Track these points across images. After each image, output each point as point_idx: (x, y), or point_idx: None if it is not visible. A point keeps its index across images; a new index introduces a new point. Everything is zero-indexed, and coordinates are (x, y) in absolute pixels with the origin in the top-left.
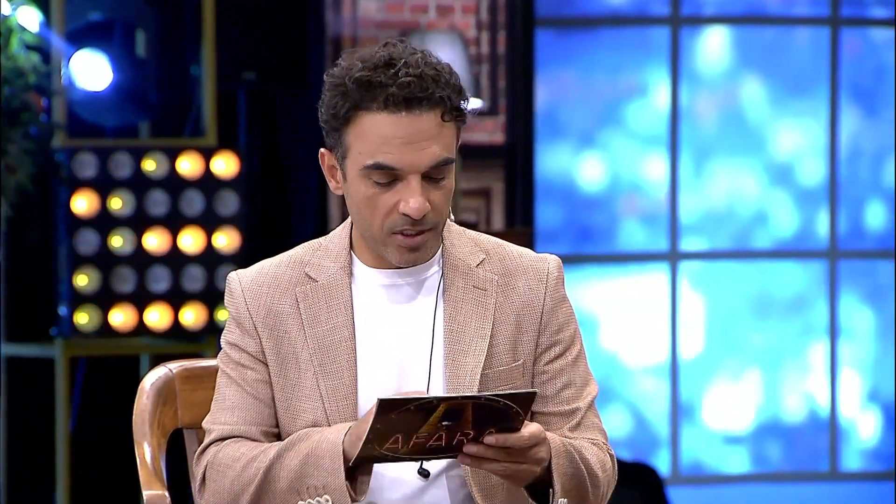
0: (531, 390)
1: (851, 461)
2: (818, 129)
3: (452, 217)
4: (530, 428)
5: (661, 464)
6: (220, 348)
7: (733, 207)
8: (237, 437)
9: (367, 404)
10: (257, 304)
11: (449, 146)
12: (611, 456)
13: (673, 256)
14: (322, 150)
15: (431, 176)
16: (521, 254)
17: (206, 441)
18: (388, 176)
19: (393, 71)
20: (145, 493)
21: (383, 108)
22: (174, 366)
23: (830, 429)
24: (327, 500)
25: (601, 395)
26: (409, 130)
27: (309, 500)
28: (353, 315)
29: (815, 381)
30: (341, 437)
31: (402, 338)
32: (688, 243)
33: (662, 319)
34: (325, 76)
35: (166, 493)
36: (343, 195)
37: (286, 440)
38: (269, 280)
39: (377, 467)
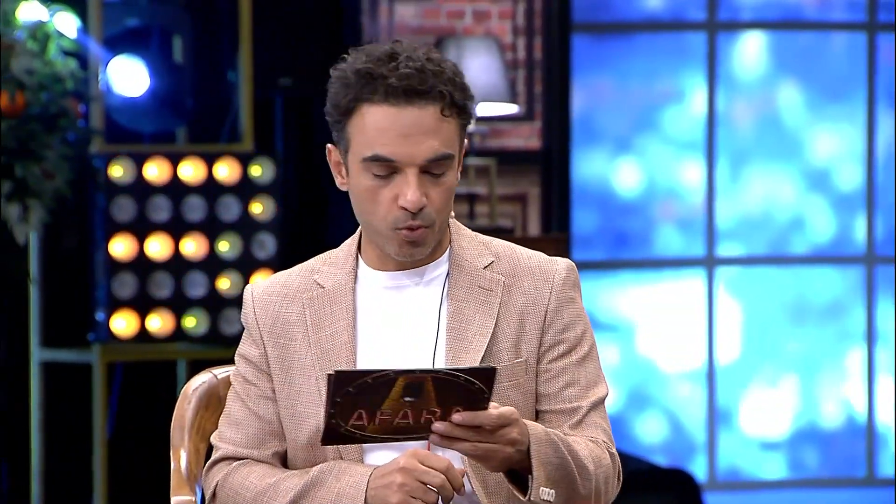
0: (491, 366)
1: (889, 467)
2: (855, 134)
3: (453, 214)
4: (501, 409)
5: (698, 470)
6: None
7: (770, 213)
8: (244, 458)
9: None
10: (265, 313)
11: (449, 142)
12: (612, 455)
13: (709, 262)
14: (328, 145)
15: (431, 171)
16: (530, 256)
17: (213, 457)
18: (386, 169)
19: (394, 63)
20: (174, 499)
21: (383, 99)
22: (219, 371)
23: (867, 435)
24: None
25: (638, 400)
26: (406, 123)
27: None
28: (355, 318)
29: (852, 388)
30: (361, 494)
31: (406, 338)
32: (724, 249)
33: (699, 325)
34: (331, 70)
35: (195, 499)
36: (348, 191)
37: (301, 482)
38: (280, 289)
39: None
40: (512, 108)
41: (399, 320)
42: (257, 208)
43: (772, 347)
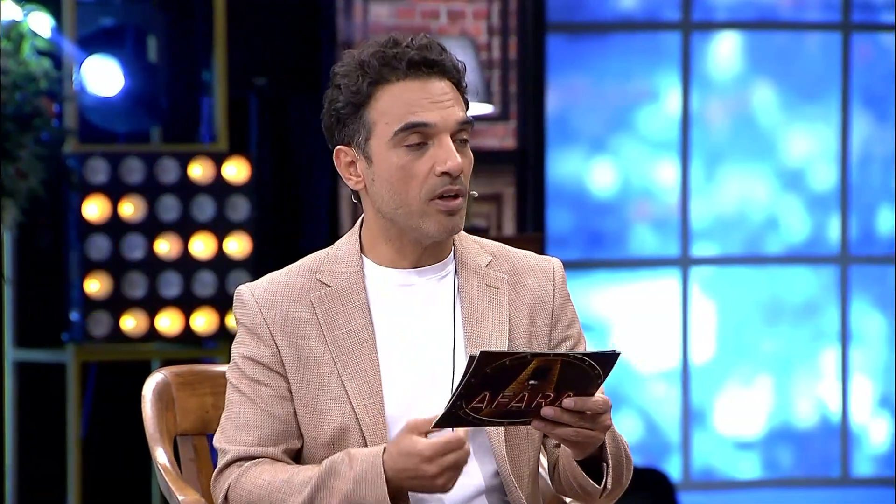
0: (615, 350)
1: (863, 467)
2: (829, 134)
3: (475, 193)
4: (602, 396)
5: (673, 469)
6: (231, 356)
7: (744, 213)
8: (256, 458)
9: (393, 402)
10: (273, 313)
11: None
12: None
13: (684, 262)
14: (337, 147)
15: (459, 138)
16: (525, 255)
17: (222, 461)
18: (421, 137)
19: (406, 43)
20: (181, 498)
21: (404, 75)
22: (167, 371)
23: (842, 434)
24: None
25: (612, 400)
26: (434, 91)
27: None
28: (370, 316)
29: (827, 387)
30: (380, 473)
31: (423, 335)
32: (699, 249)
33: (674, 325)
34: (333, 69)
35: (202, 499)
36: (363, 190)
37: (317, 475)
38: (282, 289)
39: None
40: (487, 108)
41: (415, 318)
42: (232, 208)
43: (746, 347)
